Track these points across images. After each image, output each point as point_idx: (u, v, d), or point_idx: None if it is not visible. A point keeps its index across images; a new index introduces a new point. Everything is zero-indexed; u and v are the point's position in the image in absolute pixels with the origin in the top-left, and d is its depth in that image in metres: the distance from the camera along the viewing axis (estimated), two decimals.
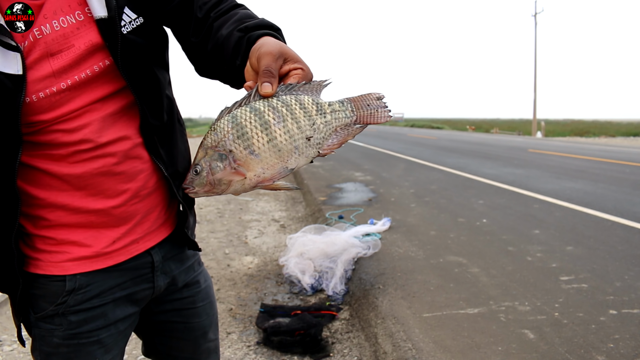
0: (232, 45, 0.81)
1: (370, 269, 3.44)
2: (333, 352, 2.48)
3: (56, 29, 0.80)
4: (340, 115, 0.68)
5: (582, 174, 8.51)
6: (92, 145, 0.84)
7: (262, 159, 0.65)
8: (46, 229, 0.88)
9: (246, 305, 3.07)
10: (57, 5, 0.80)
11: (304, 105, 0.67)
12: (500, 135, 28.99)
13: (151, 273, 0.97)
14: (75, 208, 0.87)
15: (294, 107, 0.66)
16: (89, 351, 0.92)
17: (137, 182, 0.91)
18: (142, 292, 0.97)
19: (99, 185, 0.87)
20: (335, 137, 0.69)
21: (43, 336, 0.90)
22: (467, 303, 2.81)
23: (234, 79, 0.85)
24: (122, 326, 0.96)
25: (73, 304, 0.89)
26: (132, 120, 0.89)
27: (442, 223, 4.83)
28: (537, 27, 34.42)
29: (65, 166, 0.84)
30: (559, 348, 2.26)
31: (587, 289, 3.00)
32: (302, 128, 0.66)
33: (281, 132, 0.65)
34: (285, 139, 0.65)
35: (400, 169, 9.48)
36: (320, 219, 5.11)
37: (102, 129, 0.85)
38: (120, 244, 0.91)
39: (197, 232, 4.94)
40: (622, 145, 19.00)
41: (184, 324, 1.08)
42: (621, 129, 35.35)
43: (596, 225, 4.70)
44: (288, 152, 0.66)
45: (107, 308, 0.93)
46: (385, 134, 26.55)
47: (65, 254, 0.88)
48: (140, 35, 0.86)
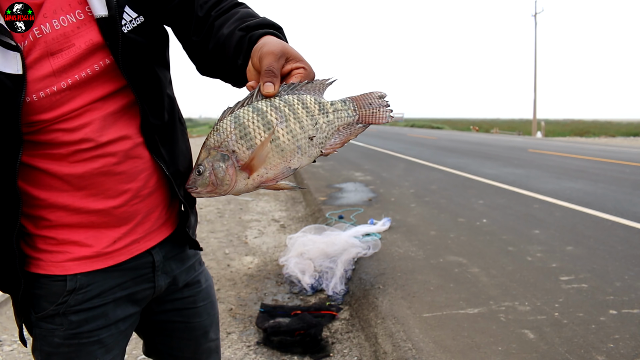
0: (234, 44, 0.81)
1: (370, 269, 3.44)
2: (333, 352, 2.48)
3: (56, 28, 0.79)
4: (342, 114, 0.68)
5: (582, 174, 8.51)
6: (92, 144, 0.84)
7: (265, 159, 0.65)
8: (47, 229, 0.88)
9: (246, 305, 3.07)
10: (57, 4, 0.80)
11: (307, 104, 0.66)
12: (500, 135, 28.99)
13: (152, 273, 0.97)
14: (76, 208, 0.87)
15: (297, 106, 0.65)
16: (90, 351, 0.91)
17: (137, 182, 0.90)
18: (143, 292, 0.97)
19: (100, 185, 0.87)
20: (337, 136, 0.68)
21: (44, 336, 0.90)
22: (467, 303, 2.81)
23: (235, 78, 0.85)
24: (122, 326, 0.96)
25: (74, 303, 0.89)
26: (132, 120, 0.89)
27: (442, 223, 4.83)
28: (537, 27, 34.44)
29: (66, 166, 0.84)
30: (559, 348, 2.26)
31: (587, 289, 3.00)
32: (305, 128, 0.66)
33: (284, 132, 0.64)
34: (288, 139, 0.65)
35: (400, 169, 9.48)
36: (320, 219, 5.11)
37: (103, 128, 0.85)
38: (121, 243, 0.91)
39: (197, 232, 4.94)
40: (622, 145, 19.00)
41: (184, 324, 1.07)
42: (621, 129, 35.35)
43: (596, 225, 4.70)
44: (291, 152, 0.65)
45: (107, 308, 0.92)
46: (385, 134, 26.55)
47: (66, 253, 0.88)
48: (141, 34, 0.86)
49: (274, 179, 0.66)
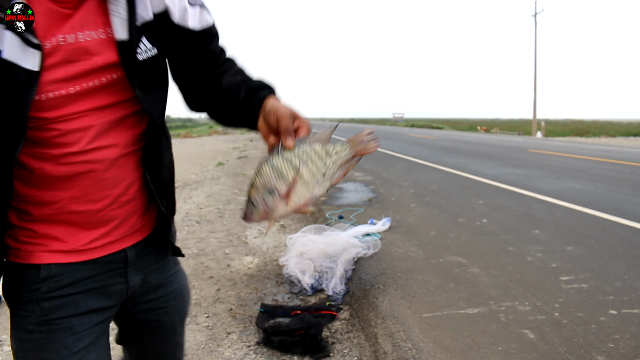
0: (241, 99, 0.98)
1: (370, 269, 3.44)
2: (333, 352, 2.49)
3: (80, 41, 0.86)
4: (342, 154, 0.92)
5: (582, 174, 8.51)
6: (82, 148, 0.89)
7: (296, 192, 0.87)
8: (29, 222, 0.93)
9: (246, 305, 3.07)
10: (84, 19, 0.87)
11: (317, 151, 0.90)
12: (500, 135, 29.00)
13: (124, 268, 1.02)
14: (59, 207, 0.92)
15: (311, 153, 0.89)
16: (60, 337, 0.95)
17: (118, 189, 0.96)
18: (116, 286, 1.01)
19: (84, 189, 0.92)
20: (340, 170, 0.92)
21: (18, 323, 0.95)
22: (467, 303, 2.81)
23: (227, 119, 1.04)
24: (95, 318, 0.99)
25: (46, 291, 0.93)
26: (124, 131, 0.95)
27: (442, 223, 4.84)
28: (537, 27, 34.43)
29: (55, 167, 0.89)
30: (559, 348, 2.26)
31: (587, 289, 3.00)
32: (319, 168, 0.89)
33: (306, 172, 0.88)
34: (309, 177, 0.88)
35: (400, 169, 9.49)
36: (320, 219, 5.11)
37: (96, 135, 0.90)
38: (97, 244, 0.97)
39: (197, 232, 4.95)
40: (622, 145, 19.01)
41: (157, 322, 1.13)
42: (621, 129, 35.36)
43: (596, 225, 4.70)
44: (312, 186, 0.89)
45: (78, 297, 0.96)
46: (385, 134, 26.56)
47: (44, 246, 0.93)
48: (152, 63, 0.95)
49: (304, 205, 0.89)
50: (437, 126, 47.78)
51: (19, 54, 0.79)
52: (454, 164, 10.30)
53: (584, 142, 20.60)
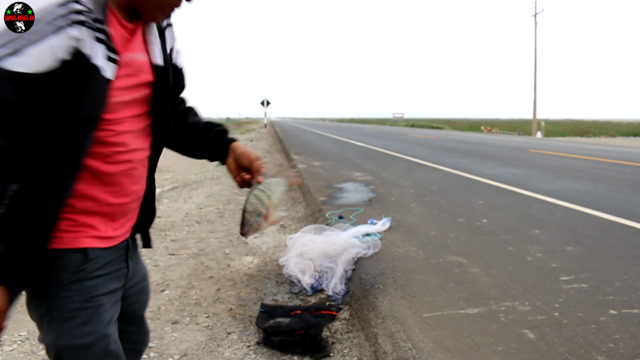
0: (211, 139, 1.34)
1: (370, 269, 3.44)
2: (333, 352, 2.49)
3: (138, 60, 1.09)
4: (284, 185, 1.37)
5: (582, 174, 8.51)
6: (126, 149, 1.08)
7: (271, 213, 1.30)
8: (71, 213, 1.04)
9: (246, 305, 3.07)
10: (137, 43, 1.10)
11: (275, 184, 1.33)
12: (500, 135, 29.00)
13: (126, 255, 1.20)
14: (99, 200, 1.07)
15: (272, 185, 1.32)
16: (100, 312, 1.09)
17: (140, 185, 1.17)
18: (123, 270, 1.19)
19: (121, 184, 1.10)
20: (285, 195, 1.37)
21: (62, 304, 1.05)
22: (467, 303, 2.81)
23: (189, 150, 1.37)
24: (114, 297, 1.15)
25: (90, 270, 1.07)
26: (146, 138, 1.17)
27: (442, 223, 4.84)
28: (537, 27, 34.42)
29: (103, 165, 1.05)
30: (559, 348, 2.26)
31: (587, 289, 3.00)
32: (278, 194, 1.33)
33: (275, 198, 1.31)
34: (276, 201, 1.32)
35: (400, 169, 9.48)
36: (320, 219, 5.11)
37: (133, 138, 1.11)
38: (118, 232, 1.15)
39: (197, 232, 4.95)
40: (622, 145, 19.01)
41: (137, 304, 1.33)
42: (621, 129, 35.36)
43: (596, 225, 4.70)
44: (278, 207, 1.33)
45: (107, 278, 1.12)
46: (385, 134, 26.56)
47: (84, 232, 1.07)
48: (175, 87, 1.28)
49: (277, 221, 1.34)
50: (437, 126, 47.77)
51: (103, 64, 0.97)
52: (454, 164, 10.30)
53: (584, 142, 20.60)
